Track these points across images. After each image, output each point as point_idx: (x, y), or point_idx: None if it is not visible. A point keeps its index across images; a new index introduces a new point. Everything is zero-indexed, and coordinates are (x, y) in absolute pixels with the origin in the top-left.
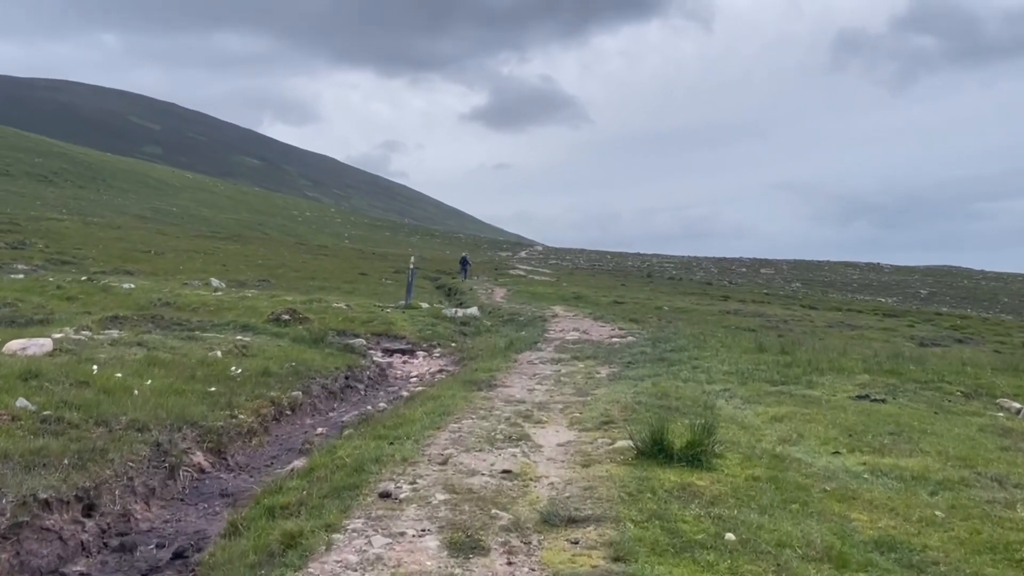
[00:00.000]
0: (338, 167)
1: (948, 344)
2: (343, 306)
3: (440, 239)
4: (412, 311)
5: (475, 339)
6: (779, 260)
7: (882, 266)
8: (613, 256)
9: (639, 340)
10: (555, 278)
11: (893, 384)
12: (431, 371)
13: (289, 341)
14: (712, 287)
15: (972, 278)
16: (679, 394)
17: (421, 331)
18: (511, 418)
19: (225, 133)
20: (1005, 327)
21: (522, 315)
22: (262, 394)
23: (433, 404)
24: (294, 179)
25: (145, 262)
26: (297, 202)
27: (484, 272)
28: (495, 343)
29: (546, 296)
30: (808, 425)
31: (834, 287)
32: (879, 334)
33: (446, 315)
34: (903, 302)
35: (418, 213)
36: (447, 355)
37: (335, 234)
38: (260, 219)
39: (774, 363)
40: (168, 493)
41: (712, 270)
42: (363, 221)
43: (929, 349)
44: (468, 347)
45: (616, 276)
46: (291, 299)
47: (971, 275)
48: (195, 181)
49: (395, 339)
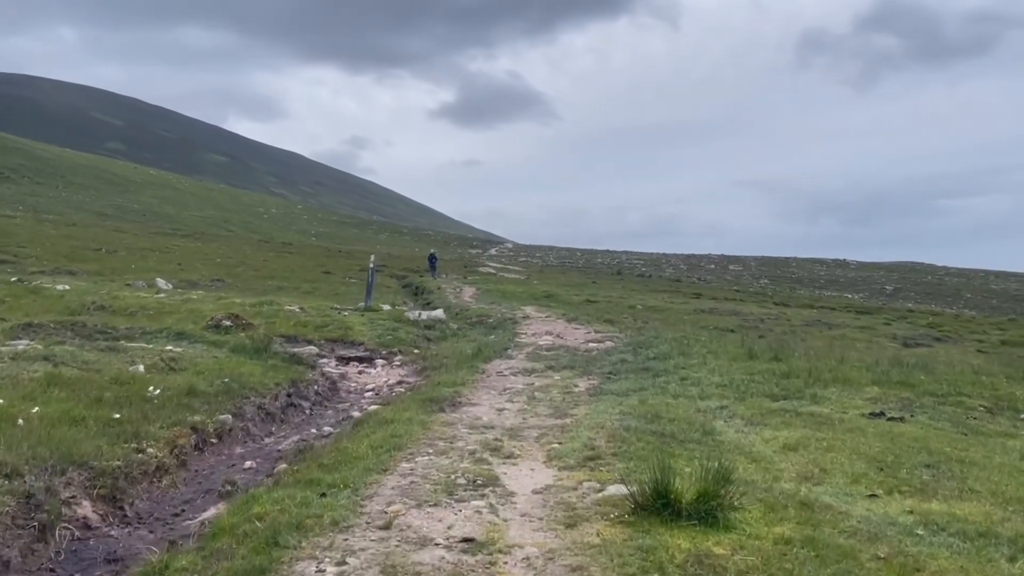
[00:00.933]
0: (306, 164)
1: (929, 343)
2: (296, 309)
3: (409, 236)
4: (372, 314)
5: (440, 345)
6: (747, 257)
7: (848, 262)
8: (583, 253)
9: (618, 345)
10: (526, 276)
11: (907, 398)
12: (390, 383)
13: (228, 351)
14: (682, 284)
15: (935, 274)
16: (671, 414)
17: (380, 336)
18: (476, 451)
19: (190, 129)
20: (978, 324)
21: (491, 317)
22: (182, 420)
23: (383, 433)
24: (261, 176)
25: (93, 261)
26: (263, 199)
27: (453, 270)
28: (462, 350)
29: (517, 295)
30: (828, 455)
31: (802, 283)
32: (859, 334)
33: (409, 318)
34: (870, 298)
35: (387, 210)
36: (409, 363)
37: (302, 231)
38: (225, 216)
39: (769, 373)
40: (33, 562)
41: (681, 267)
42: (330, 218)
43: (914, 350)
44: (432, 354)
45: (587, 274)
46: (240, 301)
47: (934, 271)
48: (159, 178)
49: (351, 346)
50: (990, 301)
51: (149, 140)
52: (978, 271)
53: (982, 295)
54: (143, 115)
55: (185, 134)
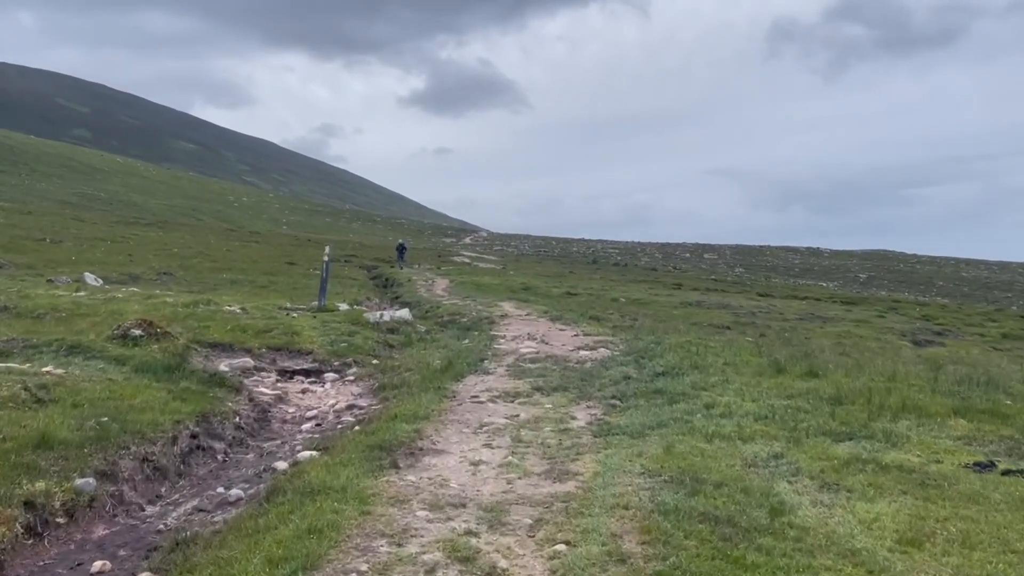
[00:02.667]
0: (277, 152)
1: (938, 340)
2: (237, 309)
3: (382, 225)
4: (326, 315)
5: (404, 353)
6: (721, 245)
7: (822, 251)
8: (558, 242)
9: (615, 354)
10: (501, 266)
11: (1009, 437)
12: (337, 407)
13: (130, 370)
14: (659, 273)
15: (907, 262)
16: (714, 473)
17: (333, 344)
18: (439, 563)
19: (159, 116)
20: (966, 314)
21: (465, 315)
22: (10, 493)
23: (300, 520)
24: (232, 164)
25: (31, 252)
26: (234, 187)
27: (427, 260)
28: (428, 361)
29: (493, 288)
30: (974, 557)
31: (777, 272)
32: (860, 330)
33: (369, 320)
34: (844, 286)
35: (359, 199)
36: (365, 378)
37: (273, 220)
38: (194, 205)
39: (813, 396)
40: None
41: (657, 256)
42: (302, 207)
43: (926, 349)
44: (394, 366)
45: (562, 263)
46: (172, 301)
47: (905, 259)
48: (126, 166)
49: (298, 356)
50: (962, 289)
51: (116, 127)
52: (948, 259)
53: (954, 283)
54: (110, 102)
55: (153, 121)
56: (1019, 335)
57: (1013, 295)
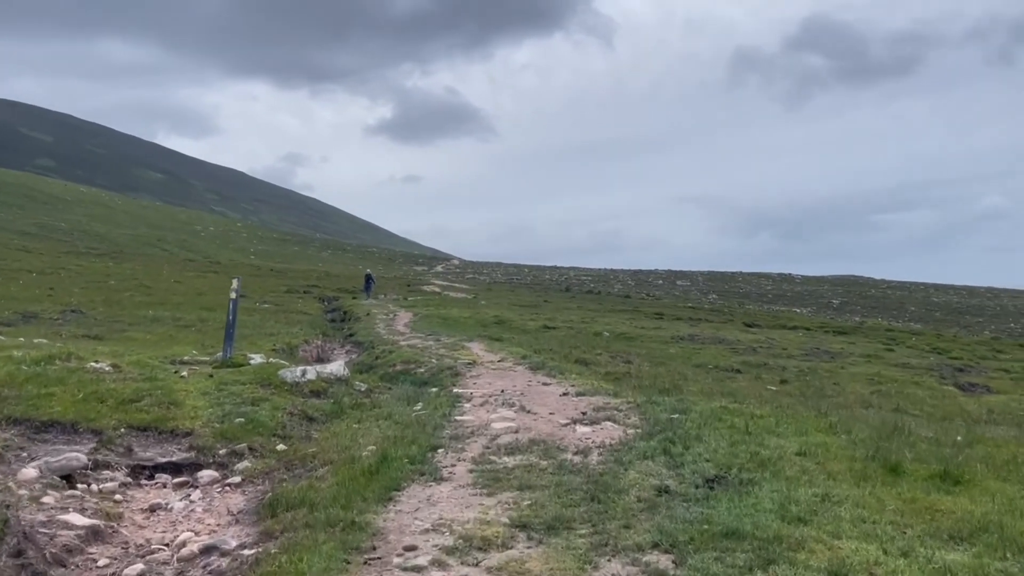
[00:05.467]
0: (246, 180)
1: (981, 385)
2: (106, 367)
3: (353, 254)
4: (230, 372)
5: (328, 429)
6: (693, 272)
7: (793, 277)
8: (530, 270)
9: (630, 434)
10: (473, 295)
11: None
12: (186, 554)
13: None
14: (635, 301)
15: (878, 287)
16: None
17: (225, 419)
18: None
19: (125, 146)
20: (966, 344)
21: (424, 363)
22: None
23: None
24: (200, 193)
25: None
26: (201, 216)
27: (394, 289)
28: (354, 453)
29: (461, 322)
30: None
31: (750, 298)
32: (891, 371)
33: (285, 379)
34: (817, 312)
35: (330, 227)
36: (258, 479)
37: (240, 249)
38: (159, 234)
39: (989, 531)
40: None
41: (629, 283)
42: (271, 236)
43: (978, 395)
44: (306, 454)
45: (536, 291)
46: (19, 355)
47: (876, 284)
48: (91, 195)
49: (168, 440)
50: (933, 314)
51: (81, 157)
52: (918, 284)
53: (925, 308)
54: (74, 131)
55: (120, 150)
56: None
57: (984, 320)
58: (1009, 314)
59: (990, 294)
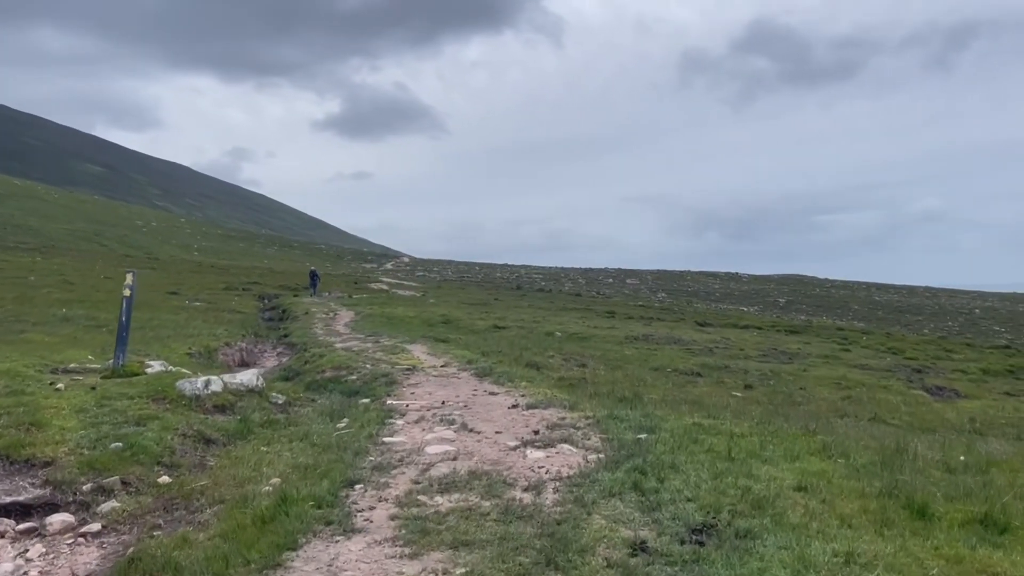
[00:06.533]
0: (192, 176)
1: (949, 388)
2: None
3: (300, 251)
4: (119, 383)
5: (230, 455)
6: (643, 271)
7: (741, 276)
8: (481, 267)
9: (591, 460)
10: (422, 293)
11: None
12: None
13: None
14: (586, 299)
15: (822, 287)
16: None
17: (97, 444)
18: None
19: (62, 138)
20: (915, 343)
21: (357, 370)
22: None
23: None
24: (143, 188)
25: None
26: (143, 211)
27: (341, 287)
28: (252, 491)
29: (406, 322)
30: None
31: (698, 297)
32: (841, 371)
33: (184, 392)
34: (764, 311)
35: (277, 224)
36: (124, 526)
37: (183, 246)
38: (98, 229)
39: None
40: None
41: (580, 281)
42: (216, 232)
43: (948, 401)
44: (192, 490)
45: (487, 289)
46: None
47: (820, 284)
48: (24, 188)
49: (20, 472)
50: (876, 313)
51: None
52: (860, 283)
53: (868, 307)
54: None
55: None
56: (998, 371)
57: (924, 318)
58: (947, 313)
59: (928, 293)
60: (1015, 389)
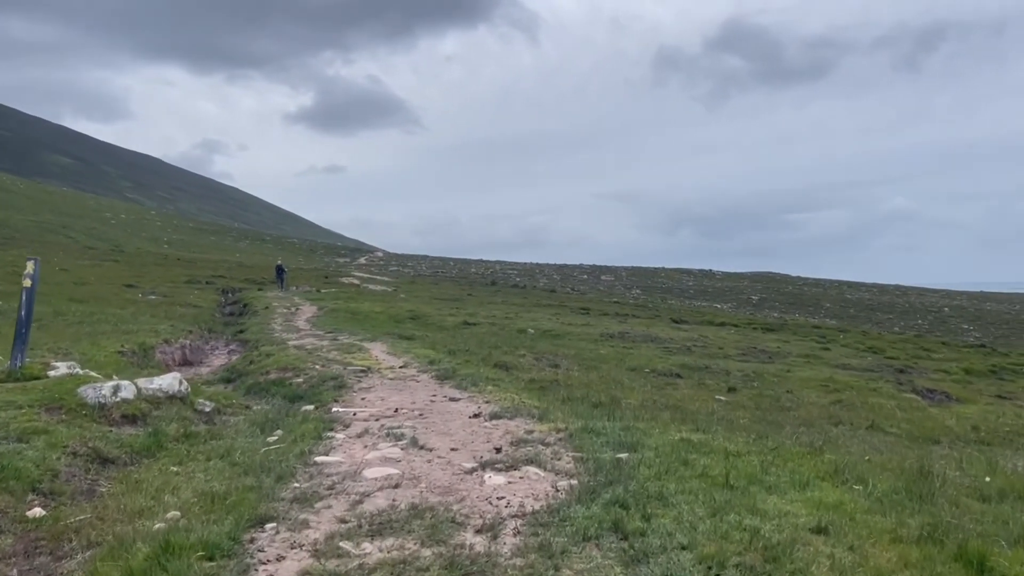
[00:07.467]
0: (163, 168)
1: (940, 391)
2: None
3: (272, 244)
4: (15, 385)
5: (121, 482)
6: (617, 267)
7: (714, 273)
8: (456, 263)
9: (561, 488)
10: (393, 288)
11: None
12: None
13: None
14: (561, 296)
15: (795, 284)
16: None
17: None
18: None
19: (30, 128)
20: (891, 341)
21: (304, 372)
22: None
23: None
24: (113, 180)
25: None
26: (112, 204)
27: (310, 281)
28: (137, 530)
29: (372, 318)
30: None
31: (672, 293)
32: (827, 372)
33: (86, 399)
34: (737, 308)
35: (250, 217)
36: None
37: (153, 239)
38: (65, 221)
39: None
40: None
41: (555, 277)
42: (187, 225)
43: (942, 405)
44: (60, 533)
45: (461, 284)
46: None
47: (793, 281)
48: None
49: None
50: (848, 311)
51: None
52: (832, 281)
53: (840, 305)
54: None
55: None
56: (980, 371)
57: (894, 316)
58: (916, 311)
59: (898, 291)
60: (1004, 391)
